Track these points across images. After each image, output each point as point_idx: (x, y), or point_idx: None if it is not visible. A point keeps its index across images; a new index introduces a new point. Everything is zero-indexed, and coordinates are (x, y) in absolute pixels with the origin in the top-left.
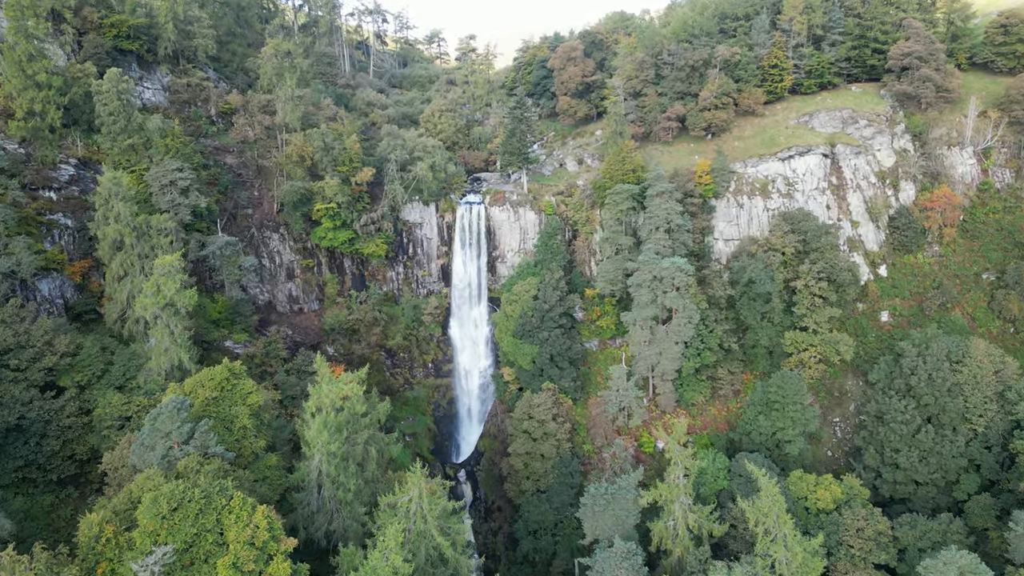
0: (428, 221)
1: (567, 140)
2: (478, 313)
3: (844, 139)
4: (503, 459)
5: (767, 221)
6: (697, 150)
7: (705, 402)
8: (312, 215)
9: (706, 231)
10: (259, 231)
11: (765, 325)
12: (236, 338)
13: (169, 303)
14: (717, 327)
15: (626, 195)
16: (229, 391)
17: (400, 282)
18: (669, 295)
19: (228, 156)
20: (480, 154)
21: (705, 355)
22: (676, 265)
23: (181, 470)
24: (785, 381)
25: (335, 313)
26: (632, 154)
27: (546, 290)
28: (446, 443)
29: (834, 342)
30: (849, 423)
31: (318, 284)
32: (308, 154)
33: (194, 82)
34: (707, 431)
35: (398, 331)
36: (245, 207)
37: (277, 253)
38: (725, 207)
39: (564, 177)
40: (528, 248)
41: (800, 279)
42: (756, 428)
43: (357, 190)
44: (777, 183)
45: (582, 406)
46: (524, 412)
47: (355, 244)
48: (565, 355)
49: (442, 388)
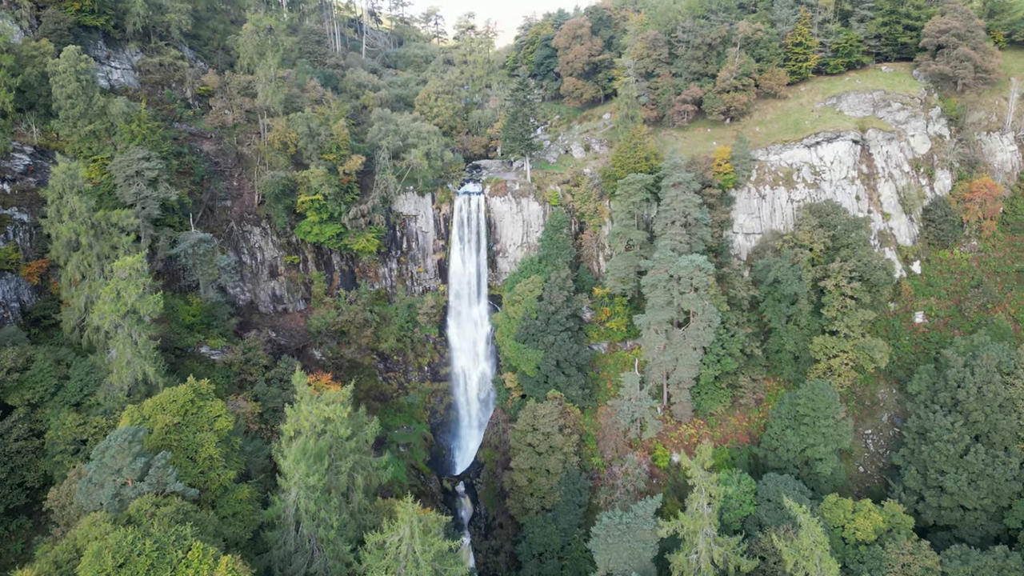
0: (423, 213)
1: (572, 124)
2: (478, 312)
3: (875, 124)
4: (505, 472)
5: (791, 214)
6: (715, 136)
7: (725, 412)
8: (296, 208)
9: (724, 224)
10: (239, 225)
11: (791, 329)
12: (212, 343)
13: (131, 311)
14: (739, 331)
15: (639, 185)
16: (194, 415)
17: (393, 279)
18: (687, 296)
19: (205, 142)
20: (479, 139)
21: (726, 361)
22: (695, 264)
23: (133, 513)
24: (816, 392)
25: (322, 314)
26: (645, 140)
27: (552, 290)
28: (443, 453)
29: (868, 348)
30: (882, 436)
31: (304, 282)
32: (292, 140)
33: (167, 61)
34: (727, 444)
35: (391, 332)
36: (223, 199)
37: (259, 249)
38: (745, 198)
39: (570, 164)
40: (531, 242)
41: (830, 278)
42: (783, 444)
43: (345, 180)
44: (803, 172)
45: (590, 415)
46: (528, 423)
47: (343, 239)
48: (572, 361)
49: (439, 393)
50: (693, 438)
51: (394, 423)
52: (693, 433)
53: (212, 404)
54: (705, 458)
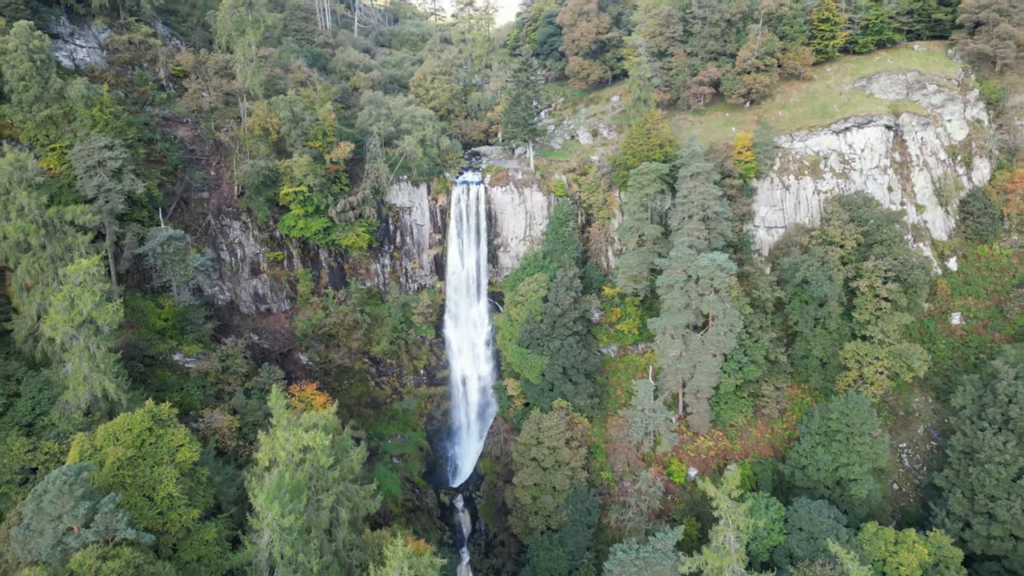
0: (418, 205)
1: (578, 107)
2: (477, 311)
3: (909, 108)
4: (507, 487)
5: (818, 206)
6: (733, 120)
7: (746, 423)
8: (279, 200)
9: (745, 217)
10: (217, 219)
11: (819, 333)
12: (187, 350)
13: (87, 320)
14: (763, 336)
15: (653, 176)
16: (152, 445)
17: (386, 276)
18: (707, 299)
19: (180, 128)
20: (479, 124)
21: (748, 369)
22: (716, 263)
23: (76, 568)
24: (850, 407)
25: (308, 315)
26: (659, 125)
27: (558, 291)
28: (440, 462)
29: (905, 356)
30: (918, 450)
31: (288, 280)
32: (273, 126)
33: (138, 39)
34: (749, 458)
35: (384, 334)
36: (199, 190)
37: (239, 245)
38: (768, 189)
39: (576, 151)
40: (535, 235)
41: (863, 279)
42: (813, 462)
43: (333, 169)
44: (830, 160)
45: (599, 424)
46: (532, 436)
47: (331, 234)
48: (580, 368)
49: (436, 398)
50: (711, 451)
51: (387, 432)
52: (711, 446)
53: (173, 432)
54: (732, 487)
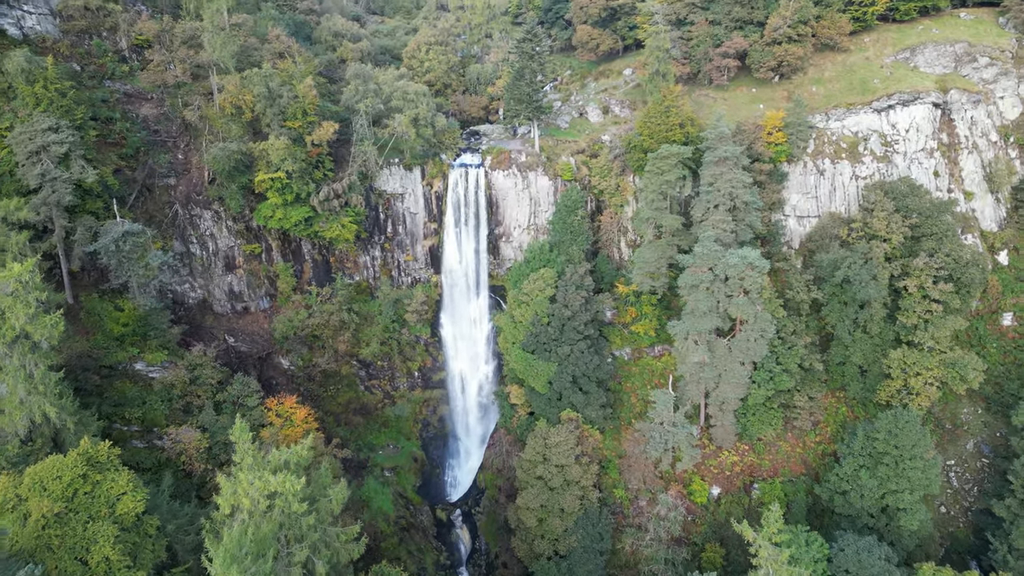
0: (411, 191)
1: (587, 81)
2: (477, 307)
3: (959, 83)
4: (509, 504)
5: (855, 193)
6: (761, 97)
7: (775, 436)
8: (255, 187)
9: (774, 206)
10: (185, 208)
11: (859, 338)
12: (150, 358)
13: (21, 335)
14: (797, 342)
15: (674, 160)
16: (87, 495)
17: (377, 269)
18: (735, 301)
19: (144, 105)
20: (478, 99)
21: (780, 379)
22: (747, 261)
23: None
24: (899, 426)
25: (289, 316)
26: (679, 102)
27: (567, 290)
28: (436, 473)
29: (958, 365)
30: (968, 468)
31: (267, 276)
32: (247, 104)
33: (95, 3)
34: (779, 476)
35: (374, 334)
36: (165, 176)
37: (211, 237)
38: (800, 174)
39: (585, 130)
40: (540, 223)
41: (912, 278)
42: (856, 488)
43: (315, 152)
44: (871, 142)
45: (612, 436)
46: (537, 452)
47: (313, 225)
48: (592, 376)
49: (432, 402)
50: (736, 467)
51: (378, 441)
52: (736, 461)
53: (114, 478)
54: (774, 530)
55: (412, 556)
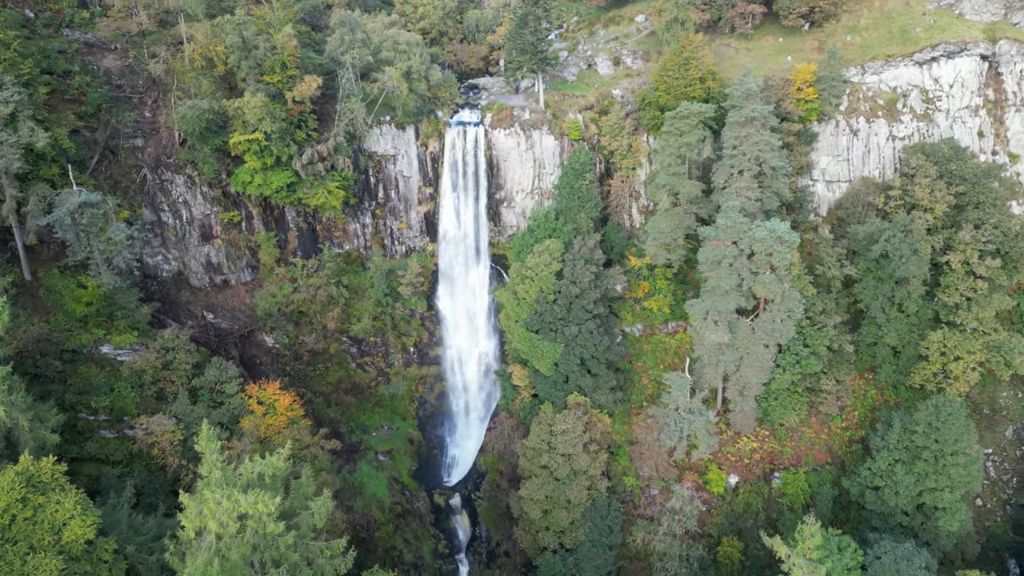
0: (404, 152)
1: (596, 28)
2: (476, 277)
3: (1009, 32)
4: (512, 491)
5: (891, 155)
6: (788, 47)
7: (799, 422)
8: (230, 149)
9: (802, 170)
10: (155, 173)
11: (895, 317)
12: (117, 341)
13: None
14: (827, 321)
15: (695, 120)
16: (28, 522)
17: (367, 238)
18: (762, 278)
19: (106, 57)
20: (477, 49)
21: (807, 362)
22: (775, 234)
23: None
24: (941, 418)
25: (272, 291)
26: (699, 54)
27: (575, 264)
28: (434, 454)
29: (1004, 349)
30: (1007, 456)
31: (248, 246)
32: (219, 56)
33: None
34: (802, 464)
35: (365, 309)
36: (131, 136)
37: (184, 204)
38: (832, 135)
39: (594, 84)
40: (545, 187)
41: (956, 252)
42: (890, 484)
43: (296, 110)
44: (911, 98)
45: (621, 420)
46: (542, 440)
47: (296, 191)
48: (601, 358)
49: (428, 379)
50: (756, 454)
51: (372, 423)
52: (756, 448)
53: (59, 500)
54: (811, 545)
55: (408, 545)
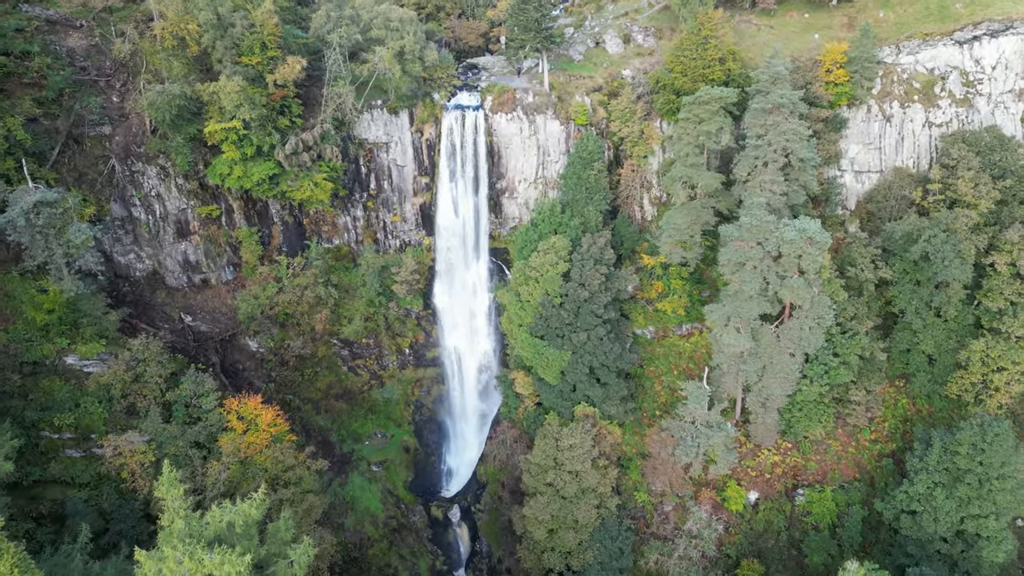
0: (398, 139)
1: (604, 2)
2: (476, 273)
3: None
4: (515, 507)
5: (927, 144)
6: (815, 24)
7: (824, 435)
8: (206, 139)
9: (830, 160)
10: (124, 163)
11: (932, 322)
12: (83, 350)
13: None
14: (858, 328)
15: (716, 106)
16: None
17: (359, 232)
18: (789, 282)
19: (71, 35)
20: (476, 25)
21: (836, 372)
22: (806, 235)
23: None
24: (987, 439)
25: (256, 292)
26: (719, 32)
27: (584, 266)
28: (431, 462)
29: None
30: None
31: (229, 242)
32: (192, 35)
33: None
34: (827, 480)
35: (356, 310)
36: (98, 124)
37: (157, 198)
38: (863, 121)
39: (603, 63)
40: (549, 176)
41: (1001, 253)
42: (929, 509)
43: (278, 95)
44: (949, 81)
45: (632, 430)
46: (548, 456)
47: (280, 183)
48: (612, 366)
49: (425, 382)
50: (777, 468)
51: (364, 430)
52: (778, 461)
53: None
54: None
55: (404, 561)
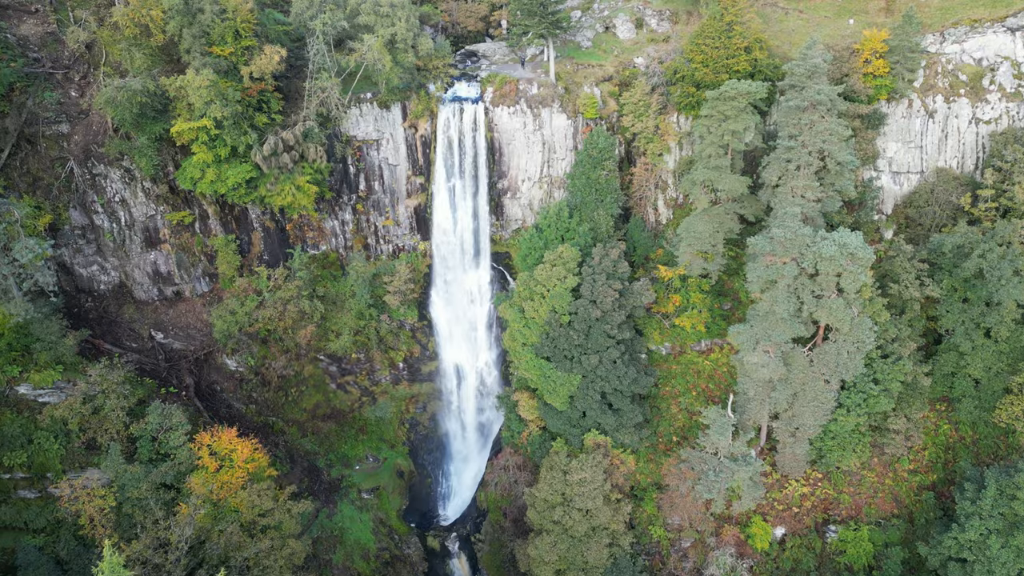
0: (389, 136)
1: None
2: (476, 280)
3: None
4: (518, 540)
5: (973, 142)
6: (849, 7)
7: (859, 466)
8: (174, 138)
9: (866, 160)
10: (84, 166)
11: (983, 344)
12: (37, 379)
13: None
14: (901, 351)
15: (744, 102)
16: None
17: (348, 237)
18: (826, 303)
19: (25, 22)
20: (476, 8)
21: (876, 400)
22: (847, 250)
23: None
24: None
25: (233, 306)
26: (745, 17)
27: (595, 281)
28: (428, 484)
29: None
30: None
31: (204, 251)
32: (156, 22)
33: None
34: (862, 516)
35: (345, 324)
36: (54, 122)
37: (122, 204)
38: (903, 117)
39: (613, 50)
40: (555, 175)
41: None
42: (982, 558)
43: (255, 90)
44: (999, 73)
45: (647, 458)
46: (556, 490)
47: (258, 188)
48: (626, 391)
49: (421, 398)
50: (807, 502)
51: (355, 453)
52: (807, 494)
53: None
54: None
55: None
